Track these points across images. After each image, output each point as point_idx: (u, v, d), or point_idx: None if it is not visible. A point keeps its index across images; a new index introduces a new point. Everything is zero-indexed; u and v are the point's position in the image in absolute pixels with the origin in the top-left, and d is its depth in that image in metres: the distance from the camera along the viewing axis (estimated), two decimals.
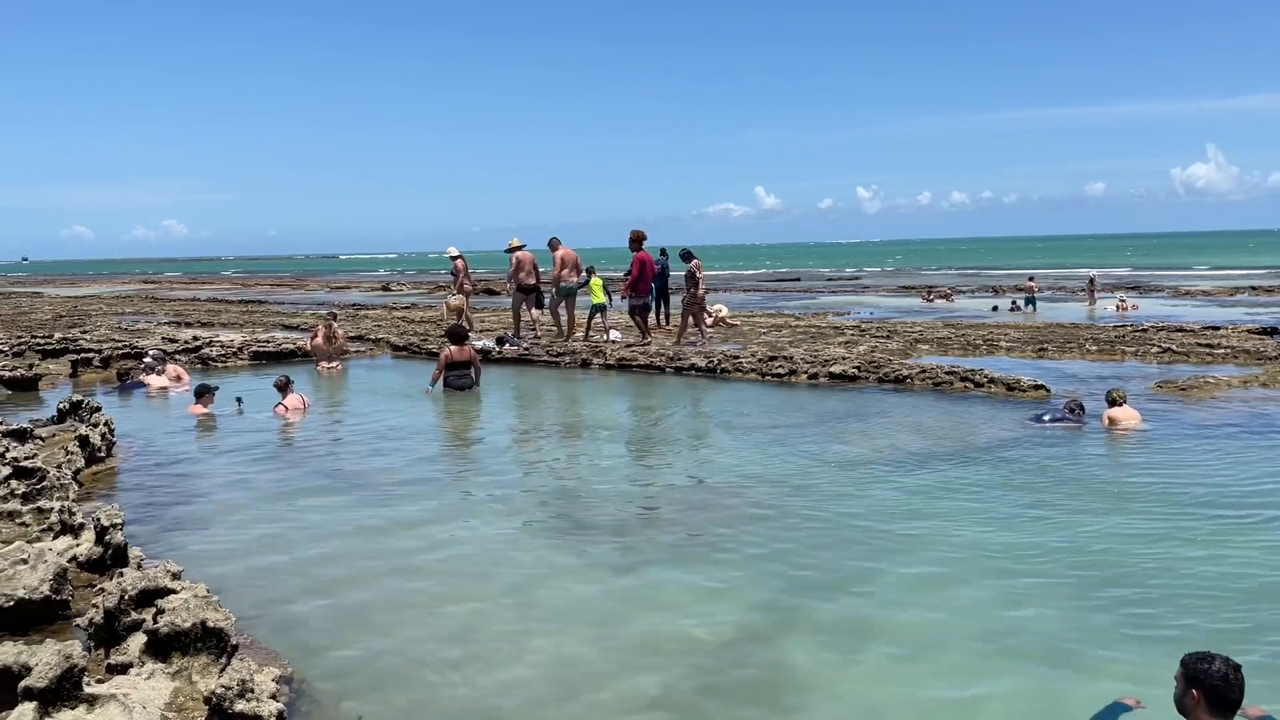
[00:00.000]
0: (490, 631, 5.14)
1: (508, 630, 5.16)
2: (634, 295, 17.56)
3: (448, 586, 5.81)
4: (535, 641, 5.03)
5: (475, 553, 6.46)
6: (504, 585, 5.82)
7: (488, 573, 6.05)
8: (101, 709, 3.57)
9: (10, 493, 6.79)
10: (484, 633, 5.12)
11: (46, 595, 4.80)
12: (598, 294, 18.68)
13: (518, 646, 4.96)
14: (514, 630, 5.16)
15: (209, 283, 63.41)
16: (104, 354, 16.12)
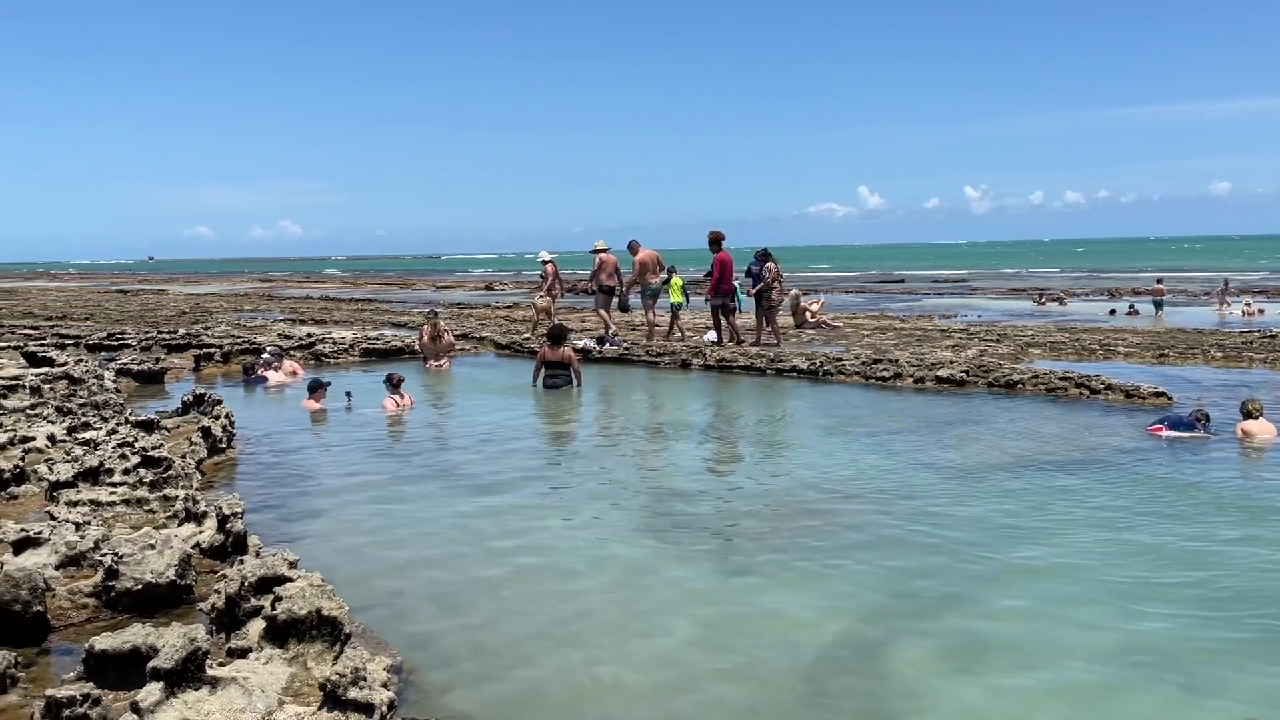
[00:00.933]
0: (592, 630, 5.16)
1: (610, 629, 5.17)
2: (715, 295, 17.62)
3: (550, 583, 5.86)
4: (637, 641, 5.03)
5: (576, 550, 6.50)
6: (605, 584, 5.84)
7: (589, 571, 6.08)
8: (223, 691, 3.70)
9: (139, 480, 7.13)
10: (586, 631, 5.15)
11: (172, 580, 5.01)
12: (676, 294, 18.96)
13: (619, 646, 4.96)
14: (616, 629, 5.17)
15: (321, 281, 65.60)
16: (224, 349, 16.81)
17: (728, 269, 17.44)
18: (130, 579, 4.92)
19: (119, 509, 6.49)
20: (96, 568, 5.15)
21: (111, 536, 5.60)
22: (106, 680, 3.78)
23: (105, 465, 7.34)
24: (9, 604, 4.49)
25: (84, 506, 6.42)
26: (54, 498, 6.73)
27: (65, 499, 6.58)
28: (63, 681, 3.80)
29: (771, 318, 17.64)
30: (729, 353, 15.76)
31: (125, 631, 3.98)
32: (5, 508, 6.73)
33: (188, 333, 19.78)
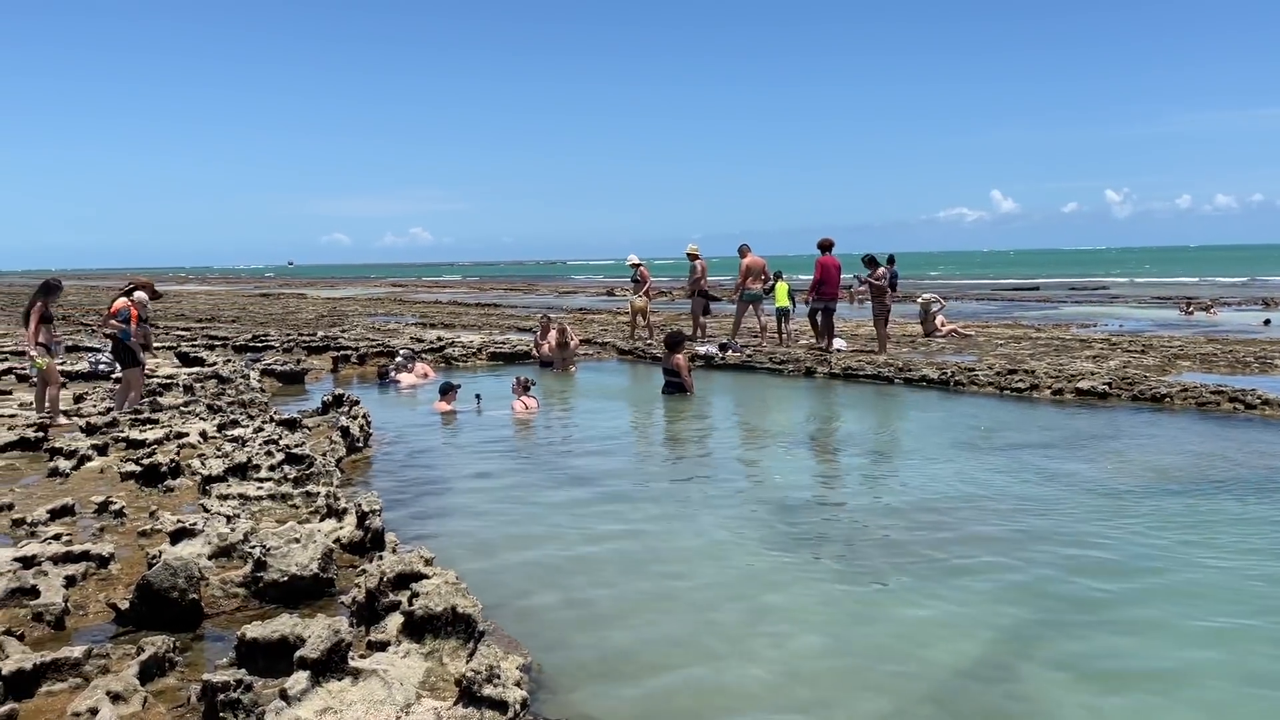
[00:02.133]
0: (719, 637, 5.12)
1: (736, 637, 5.12)
2: (815, 299, 17.49)
3: (676, 588, 5.85)
4: (764, 651, 4.96)
5: (702, 557, 6.47)
6: (731, 592, 5.80)
7: (715, 578, 6.04)
8: (364, 683, 3.81)
9: (284, 477, 7.45)
10: (713, 638, 5.11)
11: (315, 573, 5.20)
12: (781, 298, 18.92)
13: (746, 655, 4.91)
14: (742, 638, 5.12)
15: (449, 286, 67.46)
16: (360, 351, 17.45)
17: (830, 273, 17.35)
18: (277, 571, 5.14)
19: (265, 503, 6.80)
20: (246, 559, 5.40)
21: (259, 529, 5.87)
22: (256, 667, 3.94)
23: (253, 461, 7.71)
24: (167, 591, 4.74)
25: (233, 500, 6.75)
26: (206, 491, 7.09)
27: (216, 493, 6.92)
28: (216, 667, 3.98)
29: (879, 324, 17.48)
30: (855, 361, 15.47)
31: (273, 621, 4.15)
32: (163, 500, 7.14)
33: (326, 335, 20.63)
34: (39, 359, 9.85)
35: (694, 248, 18.91)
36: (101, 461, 8.27)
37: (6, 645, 4.17)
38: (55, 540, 5.78)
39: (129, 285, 11.22)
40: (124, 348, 10.76)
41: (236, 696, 3.60)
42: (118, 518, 6.53)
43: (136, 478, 7.55)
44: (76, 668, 3.93)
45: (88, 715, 3.60)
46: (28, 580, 4.97)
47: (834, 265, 17.35)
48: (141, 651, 4.07)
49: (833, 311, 17.60)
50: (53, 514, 6.46)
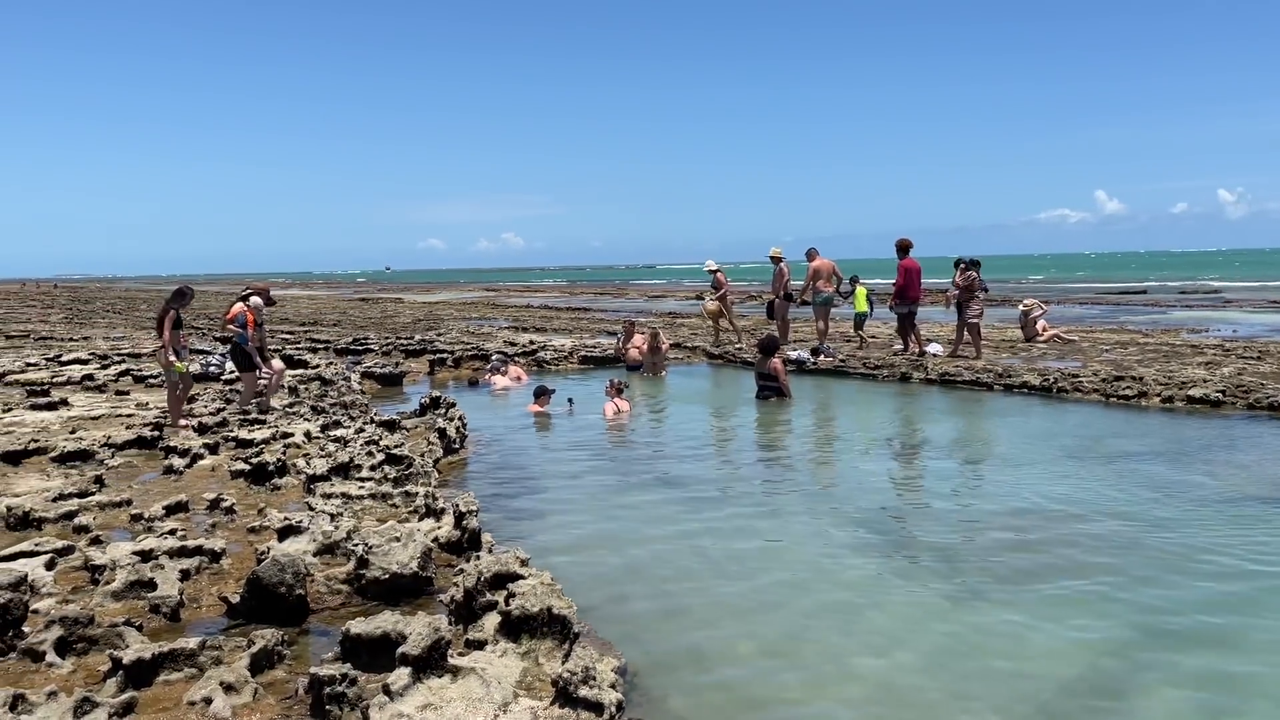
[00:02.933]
0: (814, 646, 5.07)
1: (831, 647, 5.05)
2: (899, 303, 17.28)
3: (770, 595, 5.80)
4: (859, 662, 4.89)
5: (796, 563, 6.41)
6: (826, 600, 5.73)
7: (809, 585, 5.98)
8: (463, 680, 3.88)
9: (384, 477, 7.64)
10: (807, 647, 5.06)
11: (415, 571, 5.32)
12: (861, 303, 18.72)
13: (841, 666, 4.84)
14: (837, 648, 5.05)
15: (540, 290, 68.34)
16: (455, 354, 17.79)
17: (914, 276, 17.15)
18: (379, 568, 5.27)
19: (366, 502, 6.98)
20: (349, 557, 5.55)
21: (361, 528, 6.02)
22: (359, 662, 4.05)
23: (354, 461, 7.93)
24: (275, 586, 4.90)
25: (337, 499, 6.95)
26: (311, 490, 7.32)
27: (320, 491, 7.14)
28: (322, 661, 4.11)
29: (969, 328, 17.08)
30: (952, 366, 15.13)
31: (376, 618, 4.26)
32: (270, 497, 7.39)
33: (423, 339, 21.09)
34: (178, 363, 10.32)
35: (777, 250, 18.98)
36: (213, 460, 8.60)
37: (127, 635, 4.37)
38: (171, 535, 6.03)
39: (246, 291, 11.65)
40: (241, 352, 11.17)
41: (342, 690, 3.71)
42: (228, 514, 6.79)
43: (245, 476, 7.84)
44: (192, 659, 4.09)
45: (202, 705, 3.74)
46: (145, 573, 5.20)
47: (915, 268, 17.17)
48: (252, 644, 4.21)
49: (914, 315, 17.38)
50: (168, 510, 6.74)
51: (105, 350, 18.99)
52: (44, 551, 5.71)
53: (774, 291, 19.63)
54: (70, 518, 6.57)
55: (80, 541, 6.02)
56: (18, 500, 6.89)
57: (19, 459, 8.51)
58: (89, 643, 4.33)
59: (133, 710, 3.74)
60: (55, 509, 6.71)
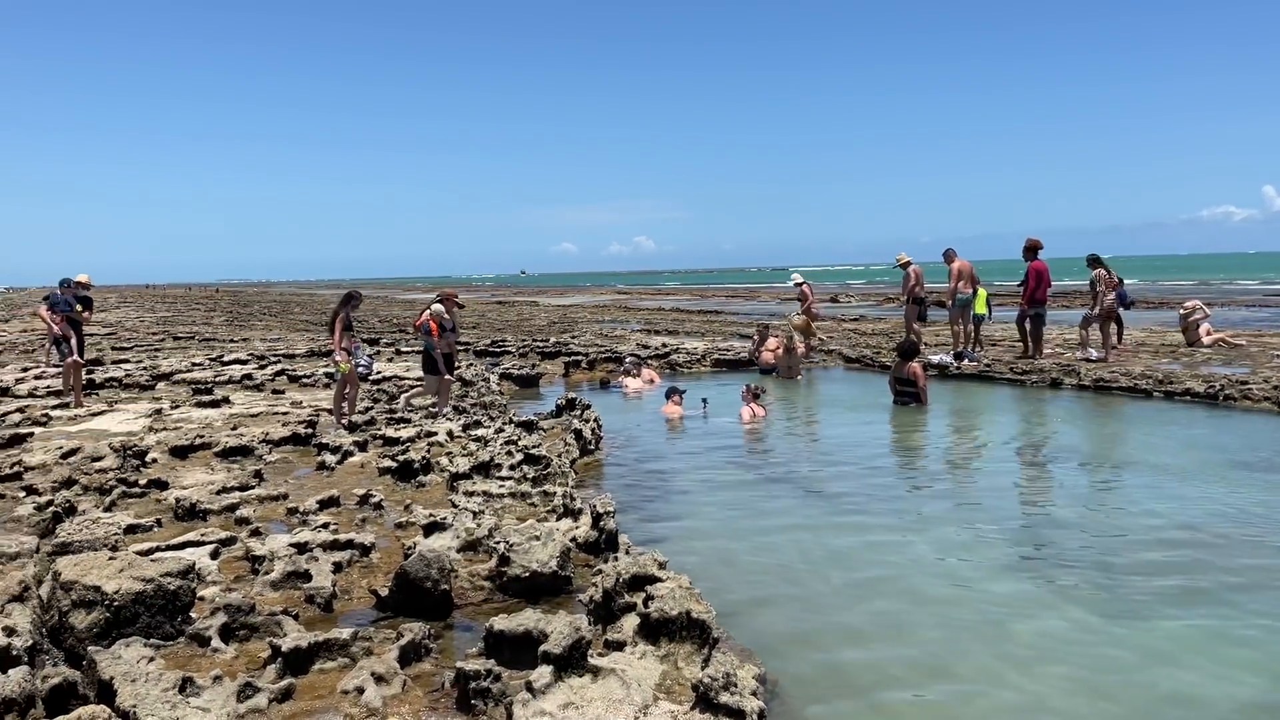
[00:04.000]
0: (961, 663, 4.87)
1: (981, 665, 4.85)
2: (1028, 306, 16.79)
3: (913, 606, 5.62)
4: (1012, 680, 4.67)
5: (940, 576, 6.18)
6: (974, 614, 5.50)
7: (955, 599, 5.76)
8: (603, 681, 3.89)
9: (523, 476, 7.77)
10: (955, 663, 4.87)
11: (554, 570, 5.37)
12: (980, 305, 18.06)
13: (993, 684, 4.64)
14: (988, 666, 4.84)
15: (671, 293, 68.57)
16: (590, 357, 18.01)
17: (1044, 278, 16.62)
18: (519, 566, 5.34)
19: (506, 501, 7.11)
20: (490, 554, 5.66)
21: (502, 526, 6.13)
22: (502, 658, 4.11)
23: (495, 460, 8.09)
24: (421, 581, 5.03)
25: (478, 497, 7.10)
26: (454, 487, 7.51)
27: (463, 489, 7.31)
28: (467, 655, 4.19)
29: (1103, 329, 16.38)
30: (1108, 372, 14.39)
31: (519, 615, 4.31)
32: (415, 494, 7.61)
33: (558, 341, 21.45)
34: (342, 363, 10.82)
35: (904, 256, 18.62)
36: (362, 457, 8.93)
37: (285, 624, 4.56)
38: (324, 529, 6.28)
39: (438, 296, 12.09)
40: (428, 358, 11.53)
41: (486, 685, 3.76)
42: (377, 510, 7.03)
43: (392, 473, 8.11)
44: (345, 649, 4.24)
45: (355, 694, 3.87)
46: (301, 565, 5.43)
47: (1045, 270, 16.71)
48: (401, 637, 4.33)
49: (1042, 319, 16.76)
50: (321, 504, 7.03)
51: (262, 351, 20.04)
52: (209, 542, 6.04)
53: (903, 295, 19.25)
54: (232, 510, 6.93)
55: (241, 533, 6.34)
56: (185, 492, 7.31)
57: (186, 453, 9.04)
58: (250, 630, 4.54)
59: (290, 696, 3.89)
60: (219, 501, 7.09)
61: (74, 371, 12.85)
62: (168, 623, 4.50)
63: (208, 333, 28.10)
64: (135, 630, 4.35)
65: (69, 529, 6.26)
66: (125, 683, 3.70)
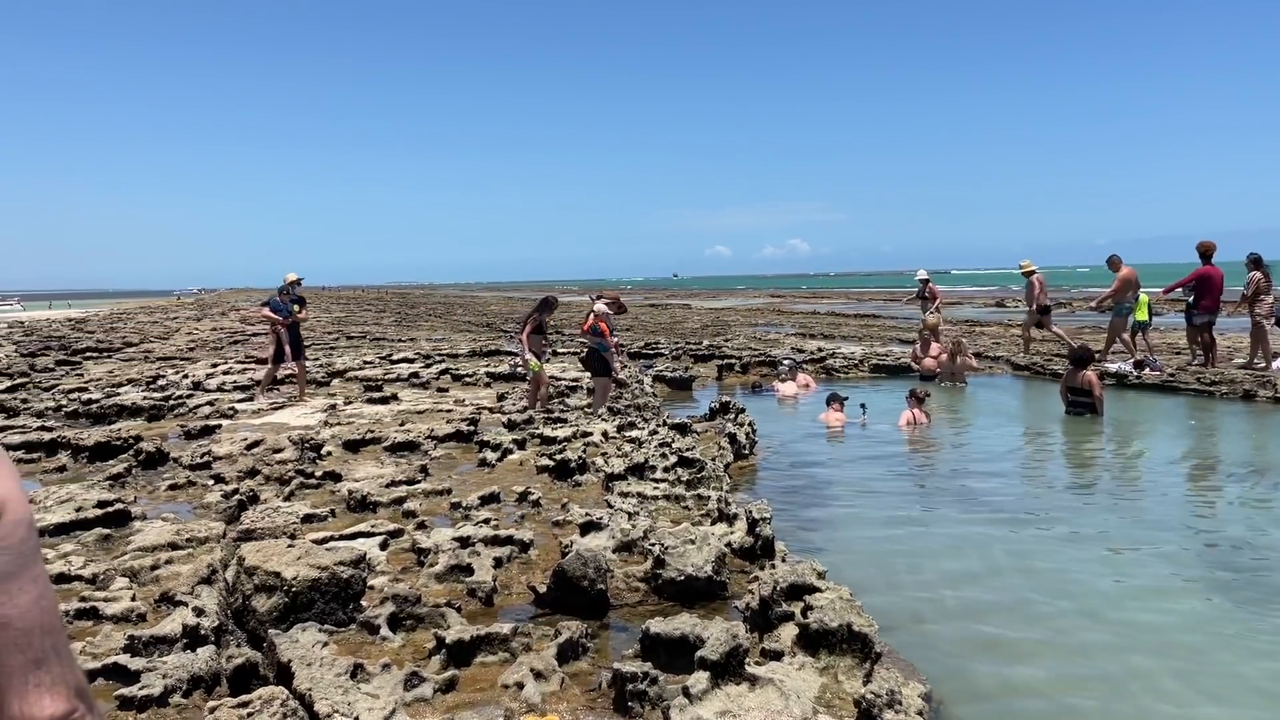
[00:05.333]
0: (1144, 690, 4.55)
1: (1169, 698, 4.51)
2: (1196, 312, 15.74)
3: (1091, 629, 5.29)
4: (1201, 709, 4.33)
5: (1118, 595, 5.81)
6: (1159, 641, 5.13)
7: (1136, 620, 5.39)
8: (761, 690, 3.81)
9: (677, 479, 7.75)
10: (1138, 690, 4.55)
11: (709, 575, 5.32)
12: (1142, 311, 16.90)
13: (1179, 709, 4.31)
14: (1173, 694, 4.50)
15: (826, 296, 67.45)
16: (743, 360, 17.89)
17: (1215, 284, 15.51)
18: (674, 569, 5.32)
19: (660, 503, 7.11)
20: (645, 556, 5.65)
21: (657, 528, 6.13)
22: (658, 661, 4.08)
23: (649, 462, 8.11)
24: (579, 580, 5.08)
25: (633, 498, 7.13)
26: (609, 488, 7.57)
27: (618, 490, 7.36)
28: (623, 657, 4.19)
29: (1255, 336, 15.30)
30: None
31: (675, 619, 4.28)
32: (572, 493, 7.71)
33: (710, 344, 21.41)
34: (533, 363, 11.21)
35: (1029, 264, 18.22)
36: (521, 455, 9.13)
37: (449, 616, 4.69)
38: (485, 524, 6.44)
39: (596, 297, 12.33)
40: (599, 358, 11.73)
41: (643, 688, 3.75)
42: (535, 507, 7.15)
43: (550, 471, 8.24)
44: (505, 643, 4.31)
45: (515, 689, 3.92)
46: (464, 559, 5.57)
47: (1217, 275, 15.66)
48: (559, 635, 4.37)
49: (1211, 325, 15.69)
50: (482, 500, 7.21)
51: (428, 351, 20.84)
52: (378, 533, 6.29)
53: (1030, 302, 18.68)
54: (400, 503, 7.20)
55: (408, 525, 6.57)
56: (357, 484, 7.64)
57: (358, 447, 9.46)
58: (416, 620, 4.69)
59: (454, 688, 3.99)
60: (387, 494, 7.37)
61: (299, 373, 13.91)
62: (340, 610, 4.70)
63: (378, 332, 29.45)
64: (311, 616, 4.56)
65: (252, 516, 6.64)
66: (302, 666, 3.88)
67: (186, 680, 3.99)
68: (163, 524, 6.52)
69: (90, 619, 4.82)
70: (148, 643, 4.31)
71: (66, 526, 6.51)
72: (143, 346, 24.16)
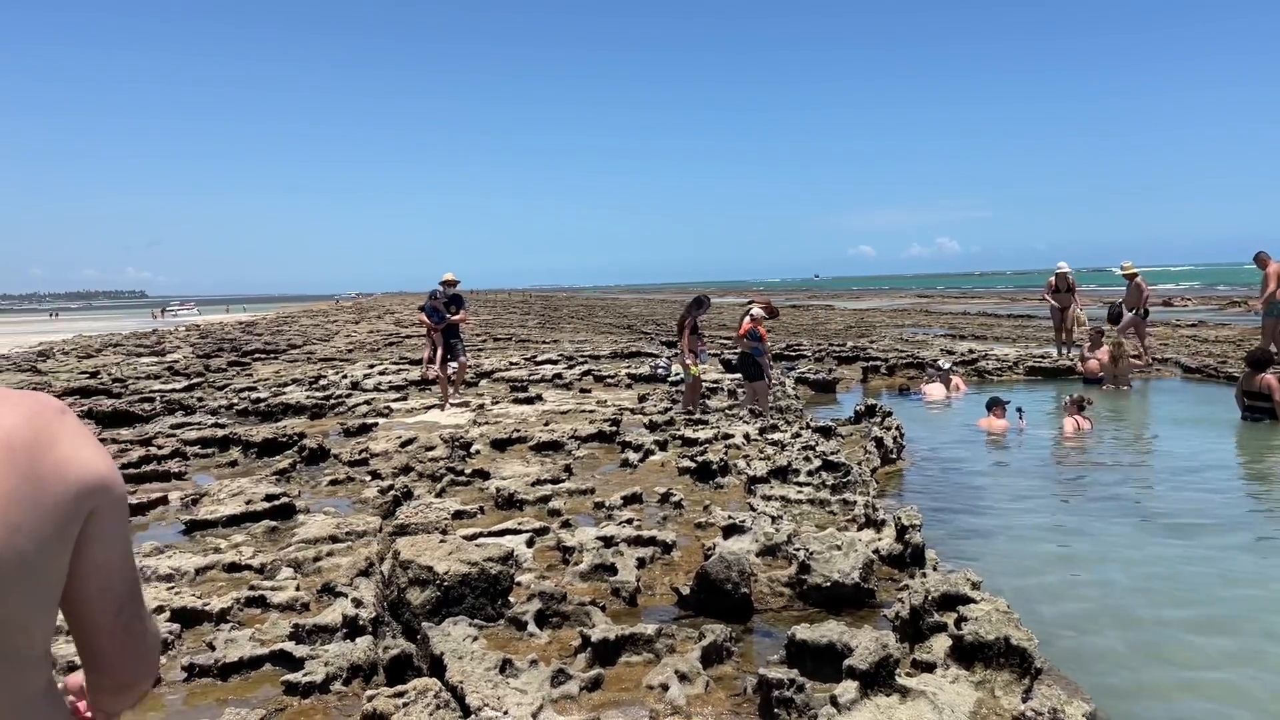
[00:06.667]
0: None
1: None
2: None
3: (1269, 650, 4.89)
4: None
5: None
6: None
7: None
8: (912, 703, 3.69)
9: (821, 483, 7.62)
10: None
11: (856, 582, 5.19)
12: None
13: None
14: None
15: (977, 297, 65.12)
16: (889, 362, 17.45)
17: None
18: (820, 575, 5.22)
19: (805, 507, 6.99)
20: (789, 560, 5.57)
21: (801, 532, 6.03)
22: (804, 668, 4.00)
23: (792, 465, 7.99)
24: (722, 583, 5.04)
25: (775, 501, 7.04)
26: (751, 491, 7.50)
27: (760, 493, 7.28)
28: (768, 662, 4.12)
29: None
30: None
31: (821, 626, 4.19)
32: (713, 495, 7.68)
33: (855, 346, 20.99)
34: (692, 366, 11.33)
35: (1130, 265, 17.07)
36: (662, 456, 9.16)
37: (593, 615, 4.73)
38: (628, 524, 6.48)
39: (749, 303, 12.36)
40: (753, 363, 11.71)
41: (790, 695, 3.68)
42: (677, 508, 7.15)
43: (691, 473, 8.23)
44: (649, 644, 4.31)
45: (659, 690, 3.92)
46: (608, 558, 5.62)
47: None
48: (703, 637, 4.35)
49: None
50: (625, 500, 7.26)
51: (571, 352, 21.19)
52: (525, 530, 6.42)
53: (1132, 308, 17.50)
54: (545, 501, 7.32)
55: (553, 523, 6.67)
56: (504, 482, 7.82)
57: (505, 446, 9.69)
58: (562, 618, 4.75)
59: (599, 686, 4.02)
60: (533, 493, 7.52)
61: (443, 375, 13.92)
62: (489, 605, 4.81)
63: (523, 334, 30.17)
64: (461, 610, 4.68)
65: (406, 511, 6.88)
66: (454, 659, 3.98)
67: (346, 668, 4.16)
68: (324, 517, 6.84)
69: (258, 607, 5.09)
70: (311, 631, 4.51)
71: (237, 518, 6.91)
72: (305, 348, 25.48)
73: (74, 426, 1.27)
